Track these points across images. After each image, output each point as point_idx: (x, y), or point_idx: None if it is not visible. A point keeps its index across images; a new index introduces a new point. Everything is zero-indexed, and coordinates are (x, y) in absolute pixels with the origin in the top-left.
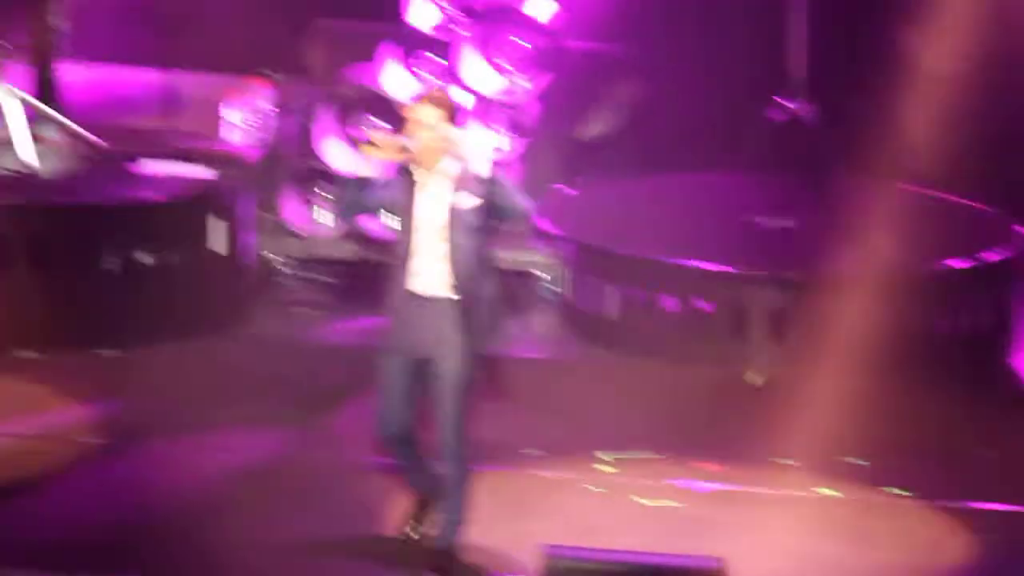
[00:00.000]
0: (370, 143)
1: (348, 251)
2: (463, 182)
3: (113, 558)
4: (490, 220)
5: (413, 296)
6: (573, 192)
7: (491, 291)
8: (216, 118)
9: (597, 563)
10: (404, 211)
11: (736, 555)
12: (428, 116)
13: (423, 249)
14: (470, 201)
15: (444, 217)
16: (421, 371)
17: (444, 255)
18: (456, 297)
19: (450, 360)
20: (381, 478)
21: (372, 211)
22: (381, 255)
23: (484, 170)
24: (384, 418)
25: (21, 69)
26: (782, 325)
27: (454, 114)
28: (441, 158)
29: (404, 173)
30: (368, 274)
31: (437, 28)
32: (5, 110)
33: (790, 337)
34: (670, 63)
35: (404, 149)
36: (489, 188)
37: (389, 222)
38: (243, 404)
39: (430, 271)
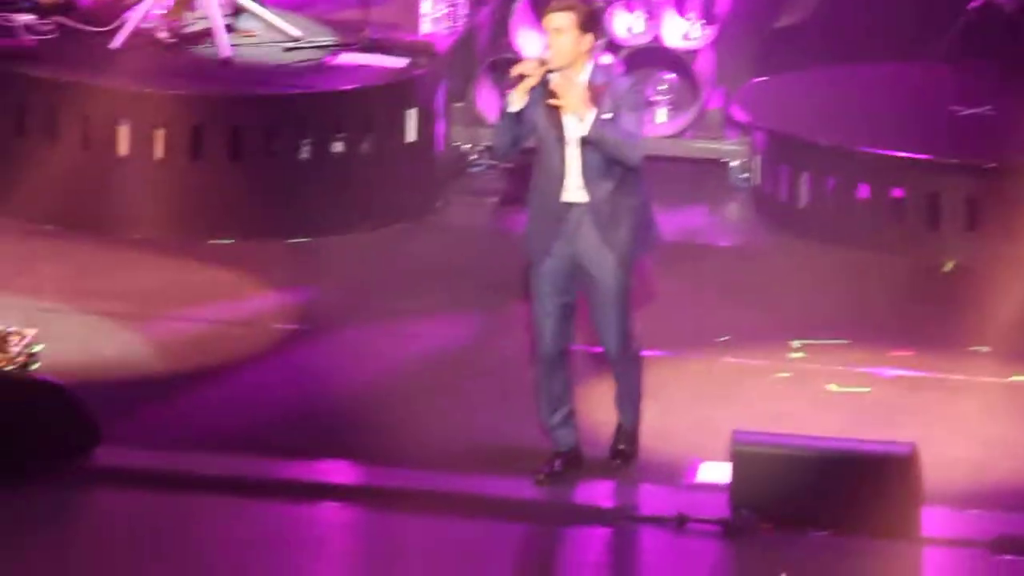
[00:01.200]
0: (519, 78)
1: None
2: (595, 95)
3: (307, 441)
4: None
5: (559, 205)
6: (765, 80)
7: (637, 198)
8: (413, 9)
9: (786, 448)
10: (544, 121)
11: (926, 441)
12: (559, 21)
13: (564, 158)
14: (605, 115)
15: (578, 127)
16: (574, 280)
17: (580, 164)
18: (597, 204)
19: (602, 266)
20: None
21: (528, 137)
22: None
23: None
24: (543, 332)
25: None
26: (976, 212)
27: (586, 18)
28: (577, 63)
29: (543, 86)
30: None
31: None
32: (202, 3)
33: (984, 224)
34: None
35: (543, 63)
36: (620, 103)
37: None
38: (433, 292)
39: (572, 180)
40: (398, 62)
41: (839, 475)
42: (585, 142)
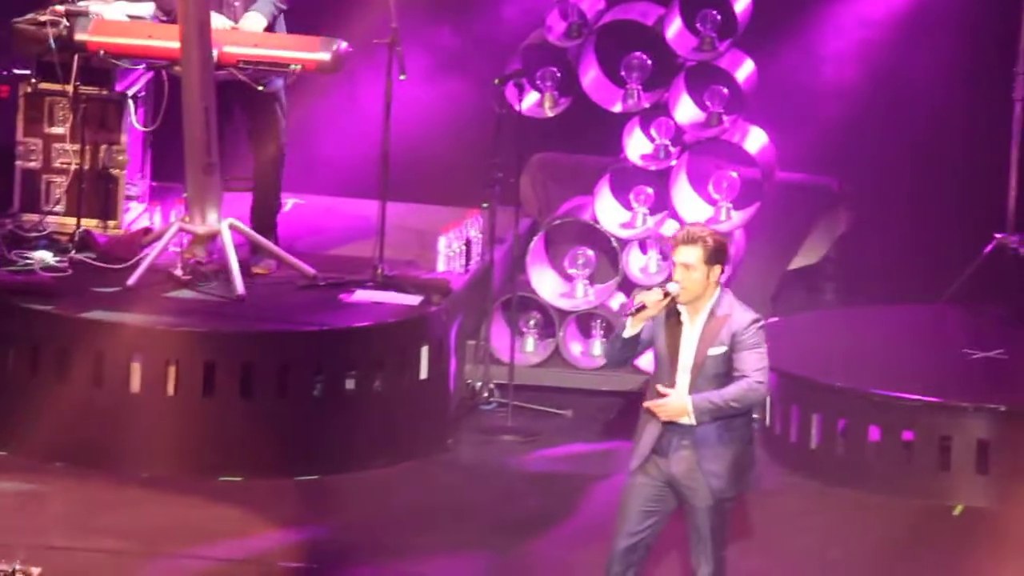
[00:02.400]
0: (639, 309)
1: (553, 378)
2: (715, 326)
3: None
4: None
5: (666, 425)
6: (777, 320)
7: (741, 436)
8: (429, 247)
9: None
10: (664, 345)
11: None
12: (688, 256)
13: (677, 381)
14: (718, 347)
15: (694, 355)
16: (668, 499)
17: (690, 391)
18: (701, 432)
19: (697, 494)
20: None
21: (640, 353)
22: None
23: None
24: (621, 532)
25: (242, 199)
26: (987, 455)
27: (714, 251)
28: (703, 295)
29: (671, 310)
30: (572, 402)
31: (649, 159)
32: (222, 241)
33: (995, 467)
34: (878, 196)
35: (667, 296)
36: (736, 339)
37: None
38: (443, 530)
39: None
40: (412, 299)
41: None
42: (699, 367)
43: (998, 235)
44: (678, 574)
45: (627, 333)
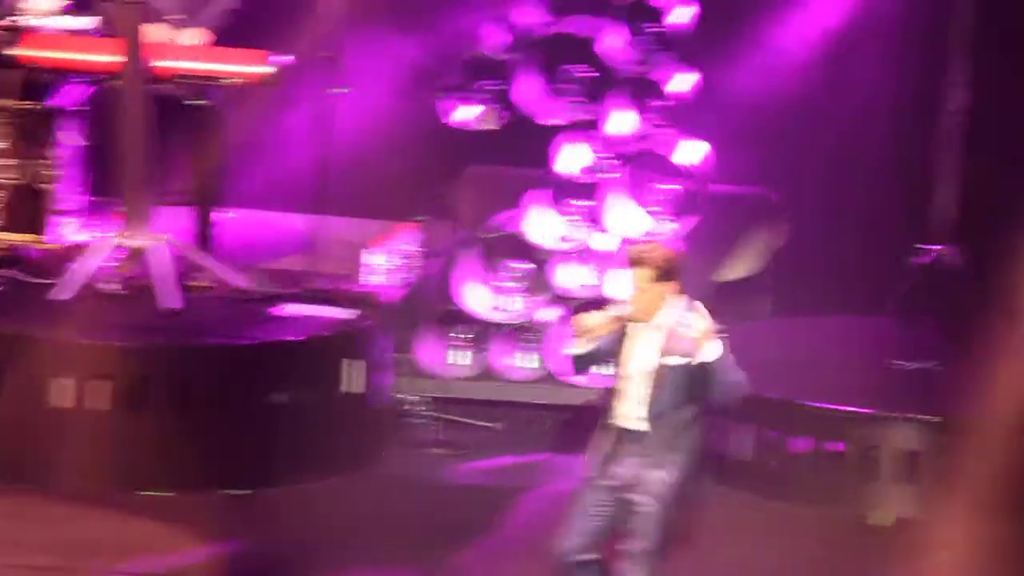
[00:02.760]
0: (585, 331)
1: (483, 391)
2: (673, 340)
3: None
4: (695, 382)
5: (619, 433)
6: None
7: (693, 443)
8: (359, 261)
9: None
10: (619, 357)
11: None
12: (640, 279)
13: (631, 392)
14: (677, 358)
15: (652, 366)
16: (618, 507)
17: (647, 400)
18: (656, 436)
19: (646, 495)
20: None
21: (606, 363)
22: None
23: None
24: (571, 543)
25: (178, 213)
26: (917, 466)
27: (664, 270)
28: (656, 312)
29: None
30: (501, 414)
31: (584, 172)
32: (158, 255)
33: (922, 479)
34: (812, 208)
35: (618, 319)
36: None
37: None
38: (372, 544)
39: (635, 413)
40: (343, 313)
41: None
42: (659, 377)
43: (931, 247)
44: None
45: (573, 350)
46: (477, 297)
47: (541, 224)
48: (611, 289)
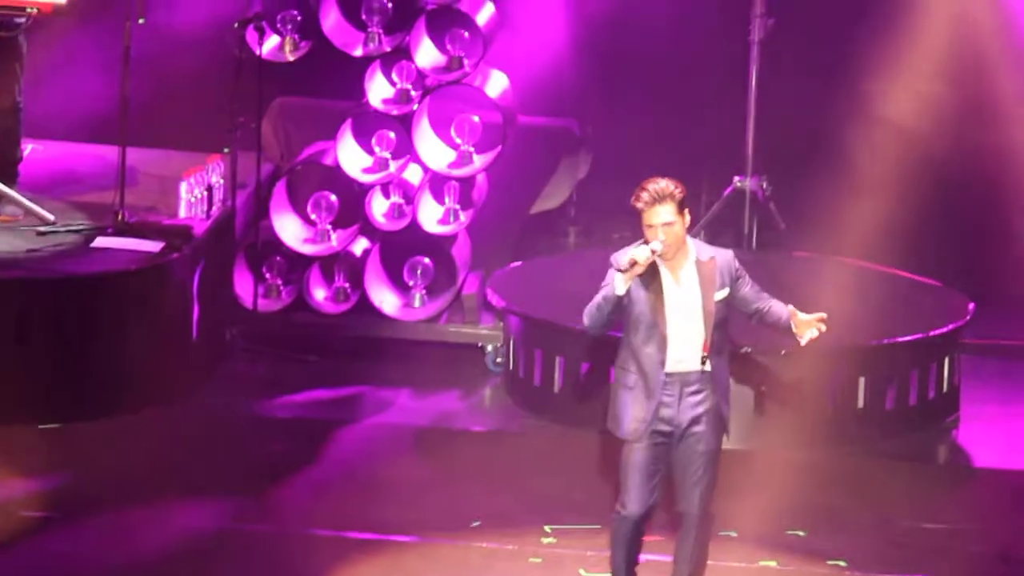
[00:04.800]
0: (630, 266)
1: (297, 325)
2: (709, 272)
3: None
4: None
5: (669, 377)
6: (519, 264)
7: (728, 367)
8: (170, 193)
9: None
10: (649, 305)
11: None
12: (667, 214)
13: (680, 335)
14: (721, 291)
15: (698, 306)
16: (665, 454)
17: (698, 340)
18: (715, 374)
19: (709, 431)
20: (323, 548)
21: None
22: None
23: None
24: (642, 498)
25: None
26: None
27: (682, 200)
28: (684, 247)
29: (646, 271)
30: (317, 347)
31: (392, 103)
32: None
33: (735, 409)
34: (618, 139)
35: (654, 253)
36: (733, 279)
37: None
38: (188, 476)
39: (691, 355)
40: (153, 246)
41: None
42: (712, 315)
43: (737, 178)
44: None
45: (619, 290)
46: (288, 229)
47: (351, 155)
48: (424, 219)
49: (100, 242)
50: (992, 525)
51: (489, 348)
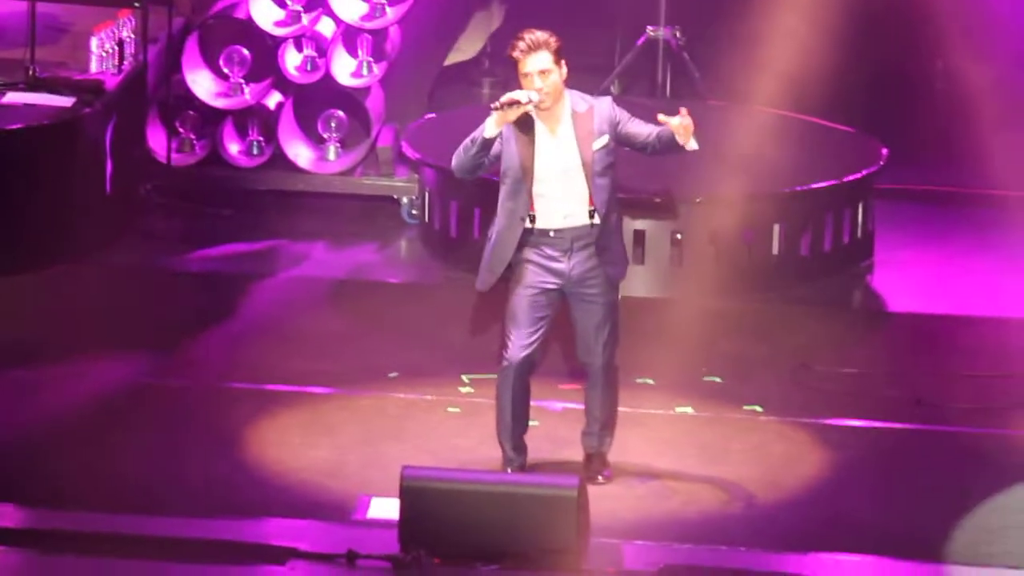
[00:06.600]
0: (502, 106)
1: (212, 179)
2: (586, 122)
3: None
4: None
5: (553, 234)
6: (434, 116)
7: (620, 218)
8: (81, 48)
9: (455, 483)
10: (520, 157)
11: None
12: (540, 62)
13: (561, 188)
14: (600, 139)
15: (575, 158)
16: (556, 302)
17: (582, 193)
18: (602, 227)
19: (605, 284)
20: (240, 401)
21: (487, 168)
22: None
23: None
24: (520, 344)
25: None
26: (642, 246)
27: (558, 49)
28: (561, 98)
29: (518, 122)
30: (231, 201)
31: None
32: None
33: (650, 257)
34: None
35: (529, 102)
36: (613, 123)
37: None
38: (104, 331)
39: (570, 207)
40: (65, 101)
41: (507, 510)
42: (591, 166)
43: (650, 28)
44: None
45: (488, 132)
46: (201, 83)
47: (263, 8)
48: (338, 72)
49: (11, 98)
50: (906, 368)
51: (404, 200)
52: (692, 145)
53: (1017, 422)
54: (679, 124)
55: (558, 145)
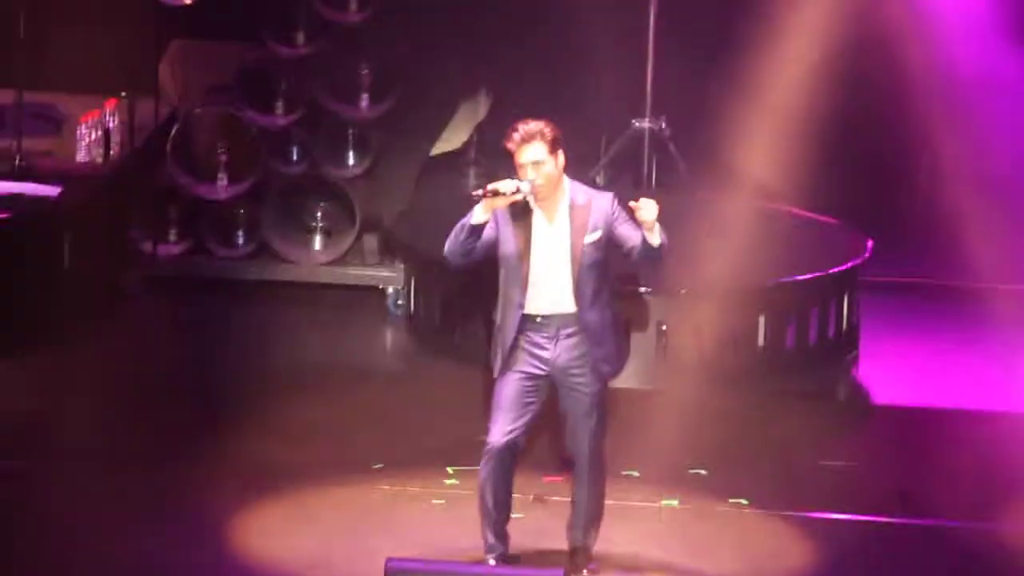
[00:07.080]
0: (492, 194)
1: (196, 269)
2: (583, 215)
3: None
4: (610, 252)
5: (540, 320)
6: (418, 206)
7: (614, 313)
8: (69, 137)
9: (439, 574)
10: (516, 246)
11: None
12: (534, 153)
13: (550, 277)
14: (592, 234)
15: (566, 248)
16: (543, 389)
17: (568, 283)
18: (586, 319)
19: (591, 374)
20: (221, 490)
21: (480, 254)
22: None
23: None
24: (503, 430)
25: None
26: (627, 338)
27: (553, 140)
28: (559, 187)
29: (516, 210)
30: (217, 290)
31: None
32: None
33: (635, 349)
34: (521, 81)
35: (519, 191)
36: (609, 221)
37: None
38: (84, 416)
39: (561, 297)
40: (51, 190)
41: None
42: (579, 258)
43: (635, 120)
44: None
45: (476, 219)
46: (186, 174)
47: (248, 101)
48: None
49: None
50: (890, 462)
51: (390, 290)
52: (654, 239)
53: (1003, 516)
54: (640, 215)
55: (552, 234)
